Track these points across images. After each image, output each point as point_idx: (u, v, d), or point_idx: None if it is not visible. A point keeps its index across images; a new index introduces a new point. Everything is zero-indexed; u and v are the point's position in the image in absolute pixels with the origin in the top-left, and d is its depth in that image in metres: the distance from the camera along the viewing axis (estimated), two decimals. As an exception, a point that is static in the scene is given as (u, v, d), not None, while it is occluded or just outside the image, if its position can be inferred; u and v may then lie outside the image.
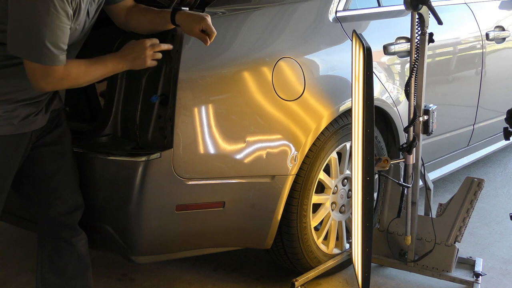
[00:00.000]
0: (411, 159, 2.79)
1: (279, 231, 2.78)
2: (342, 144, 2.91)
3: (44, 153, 2.28)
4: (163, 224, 2.44)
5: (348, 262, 3.08)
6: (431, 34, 2.66)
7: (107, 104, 2.48)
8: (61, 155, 2.31)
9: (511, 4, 4.28)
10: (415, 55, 2.67)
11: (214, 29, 2.26)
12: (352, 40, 2.65)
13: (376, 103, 2.87)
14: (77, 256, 2.36)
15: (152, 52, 2.25)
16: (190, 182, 2.42)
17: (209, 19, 2.27)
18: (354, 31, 2.59)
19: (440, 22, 2.59)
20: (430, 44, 2.67)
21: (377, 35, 3.14)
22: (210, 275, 3.08)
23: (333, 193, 2.98)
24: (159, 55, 2.28)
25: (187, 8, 2.34)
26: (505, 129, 2.59)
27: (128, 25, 2.41)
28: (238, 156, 2.51)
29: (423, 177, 2.92)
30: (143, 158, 2.30)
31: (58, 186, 2.30)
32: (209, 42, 2.27)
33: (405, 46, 3.16)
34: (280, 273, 3.07)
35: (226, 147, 2.47)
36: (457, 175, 4.26)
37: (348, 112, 2.83)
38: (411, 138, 2.75)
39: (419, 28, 2.65)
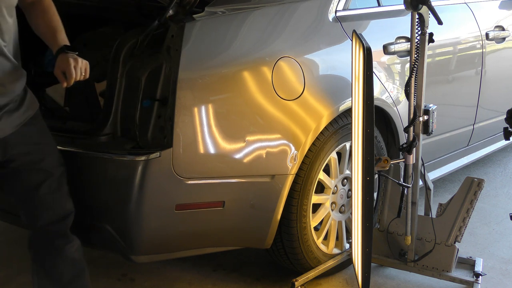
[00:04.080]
0: (411, 159, 2.79)
1: (279, 231, 2.77)
2: (342, 144, 2.91)
3: (21, 169, 2.19)
4: (163, 223, 2.44)
5: (348, 262, 3.07)
6: (431, 34, 2.65)
7: (107, 103, 2.48)
8: (40, 164, 2.22)
9: (511, 4, 4.28)
10: (415, 55, 2.67)
11: (72, 72, 2.17)
12: (352, 40, 2.64)
13: (376, 102, 2.87)
14: (72, 262, 2.32)
15: None
16: (189, 182, 2.42)
17: (72, 63, 2.17)
18: (354, 31, 2.59)
19: (440, 22, 2.59)
20: (430, 44, 2.67)
21: (377, 35, 3.14)
22: (210, 275, 3.07)
23: (333, 193, 2.97)
24: None
25: (76, 53, 2.24)
26: (505, 129, 2.59)
27: (26, 16, 2.30)
28: (238, 156, 2.51)
29: (423, 177, 2.92)
30: (143, 158, 2.30)
31: (44, 198, 2.23)
32: (65, 84, 2.20)
33: (405, 45, 3.16)
34: (280, 273, 3.06)
35: (226, 146, 2.47)
36: (457, 175, 4.26)
37: (348, 112, 2.83)
38: (411, 138, 2.75)
39: (419, 28, 2.65)
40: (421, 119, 2.75)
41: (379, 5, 3.29)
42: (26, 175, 2.21)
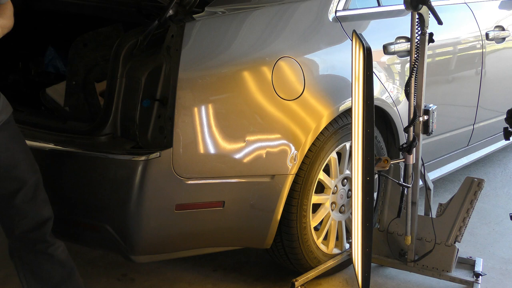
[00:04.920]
0: (411, 159, 2.79)
1: (279, 231, 2.77)
2: (342, 144, 2.91)
3: None
4: (162, 223, 2.44)
5: (348, 262, 3.07)
6: (431, 34, 2.65)
7: (107, 103, 2.48)
8: (13, 172, 2.13)
9: (511, 4, 4.28)
10: (415, 55, 2.67)
11: None
12: (352, 40, 2.64)
13: (376, 102, 2.87)
14: (59, 264, 2.28)
15: None
16: (189, 182, 2.42)
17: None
18: (354, 31, 2.59)
19: (440, 22, 2.59)
20: (430, 44, 2.67)
21: (377, 35, 3.14)
22: (210, 275, 3.07)
23: (333, 193, 2.97)
24: None
25: None
26: (505, 129, 2.60)
27: None
28: (238, 156, 2.51)
29: (423, 177, 2.92)
30: (143, 158, 2.30)
31: (20, 207, 2.17)
32: None
33: (405, 45, 3.16)
34: (280, 273, 3.06)
35: (226, 146, 2.47)
36: (457, 175, 4.26)
37: (348, 112, 2.83)
38: (411, 138, 2.75)
39: (419, 28, 2.65)
40: (421, 119, 2.75)
41: (379, 5, 3.29)
42: None
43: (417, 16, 2.62)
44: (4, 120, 2.13)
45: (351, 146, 2.81)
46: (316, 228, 2.96)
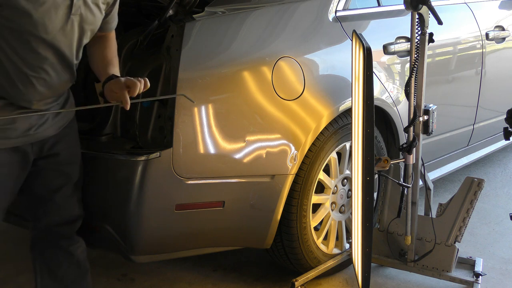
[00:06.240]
0: (411, 159, 2.79)
1: (279, 231, 2.77)
2: (342, 144, 2.91)
3: (48, 167, 2.18)
4: (162, 223, 2.44)
5: (348, 262, 3.07)
6: (431, 34, 2.66)
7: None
8: (67, 168, 2.23)
9: (511, 4, 4.28)
10: (415, 55, 2.67)
11: (135, 82, 2.00)
12: (352, 40, 2.64)
13: (376, 102, 2.87)
14: (76, 263, 2.32)
15: None
16: (189, 182, 2.42)
17: (123, 79, 2.04)
18: (354, 31, 2.59)
19: (440, 22, 2.59)
20: (430, 44, 2.67)
21: (377, 35, 3.14)
22: (210, 275, 3.07)
23: (333, 193, 2.97)
24: None
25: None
26: (505, 129, 2.59)
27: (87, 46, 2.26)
28: (238, 156, 2.51)
29: (423, 177, 2.92)
30: (143, 158, 2.30)
31: (58, 202, 2.23)
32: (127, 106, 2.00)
33: (405, 45, 3.16)
34: (280, 273, 3.06)
35: (226, 146, 2.47)
36: (457, 175, 4.26)
37: (348, 112, 2.83)
38: (411, 138, 2.75)
39: (419, 28, 2.65)
40: (421, 119, 2.75)
41: (379, 5, 3.29)
42: (49, 176, 2.20)
43: (417, 16, 2.63)
44: (72, 118, 2.24)
45: (351, 146, 2.81)
46: (316, 228, 2.97)
